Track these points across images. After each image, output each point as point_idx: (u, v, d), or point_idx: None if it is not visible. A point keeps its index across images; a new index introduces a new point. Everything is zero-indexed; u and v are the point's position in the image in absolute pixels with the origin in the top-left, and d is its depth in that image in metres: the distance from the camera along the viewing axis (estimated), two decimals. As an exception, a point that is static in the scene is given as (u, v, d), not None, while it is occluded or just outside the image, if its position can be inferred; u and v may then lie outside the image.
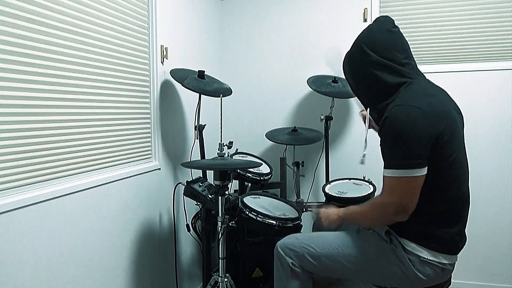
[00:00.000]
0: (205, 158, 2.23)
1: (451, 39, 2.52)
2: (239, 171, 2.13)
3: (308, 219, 2.56)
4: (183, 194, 1.94)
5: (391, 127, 1.33)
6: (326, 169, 2.52)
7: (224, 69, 2.96)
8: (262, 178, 2.19)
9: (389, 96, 1.41)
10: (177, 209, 2.27)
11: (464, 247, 1.45)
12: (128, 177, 1.83)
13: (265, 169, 2.30)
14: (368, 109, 1.51)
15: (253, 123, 2.92)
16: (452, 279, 1.51)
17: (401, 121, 1.31)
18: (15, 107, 1.26)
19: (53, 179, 1.42)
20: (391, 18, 1.49)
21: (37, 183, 1.36)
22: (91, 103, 1.60)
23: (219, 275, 1.77)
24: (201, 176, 2.18)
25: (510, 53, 2.44)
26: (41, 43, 1.35)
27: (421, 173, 1.30)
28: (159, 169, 2.10)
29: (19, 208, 1.27)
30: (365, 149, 1.62)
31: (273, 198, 2.04)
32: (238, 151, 2.46)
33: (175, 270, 2.23)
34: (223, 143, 1.76)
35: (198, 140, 2.17)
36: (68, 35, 1.46)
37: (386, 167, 1.34)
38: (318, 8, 2.73)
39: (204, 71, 2.15)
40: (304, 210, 2.08)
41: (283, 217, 1.77)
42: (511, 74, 2.44)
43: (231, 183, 1.83)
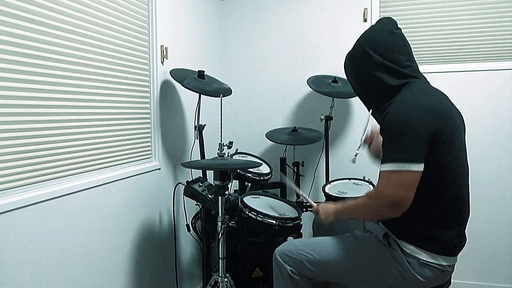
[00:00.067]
0: (205, 158, 2.23)
1: (451, 39, 2.52)
2: (239, 171, 2.13)
3: (308, 219, 2.56)
4: (183, 194, 1.94)
5: (389, 122, 1.33)
6: (326, 169, 2.52)
7: (224, 69, 2.95)
8: (262, 178, 2.18)
9: (390, 97, 1.41)
10: (177, 209, 2.27)
11: (464, 247, 1.45)
12: (128, 177, 1.83)
13: (265, 169, 2.30)
14: (370, 110, 1.51)
15: (253, 123, 2.92)
16: (452, 279, 1.51)
17: (399, 115, 1.31)
18: (15, 107, 1.26)
19: (53, 179, 1.42)
20: (394, 19, 1.49)
21: (37, 183, 1.36)
22: (91, 103, 1.60)
23: (219, 275, 1.77)
24: (201, 176, 2.17)
25: (510, 53, 2.44)
26: (41, 43, 1.35)
27: (416, 168, 1.28)
28: (159, 169, 2.10)
29: (19, 208, 1.27)
30: (358, 148, 1.62)
31: (273, 198, 2.04)
32: (238, 151, 2.45)
33: (175, 270, 2.23)
34: (223, 143, 1.76)
35: (198, 140, 2.17)
36: (68, 35, 1.46)
37: (382, 162, 1.34)
38: (318, 8, 2.73)
39: (204, 71, 2.15)
40: (304, 210, 2.08)
41: (283, 217, 1.77)
42: (511, 74, 2.44)
43: (231, 183, 1.83)
